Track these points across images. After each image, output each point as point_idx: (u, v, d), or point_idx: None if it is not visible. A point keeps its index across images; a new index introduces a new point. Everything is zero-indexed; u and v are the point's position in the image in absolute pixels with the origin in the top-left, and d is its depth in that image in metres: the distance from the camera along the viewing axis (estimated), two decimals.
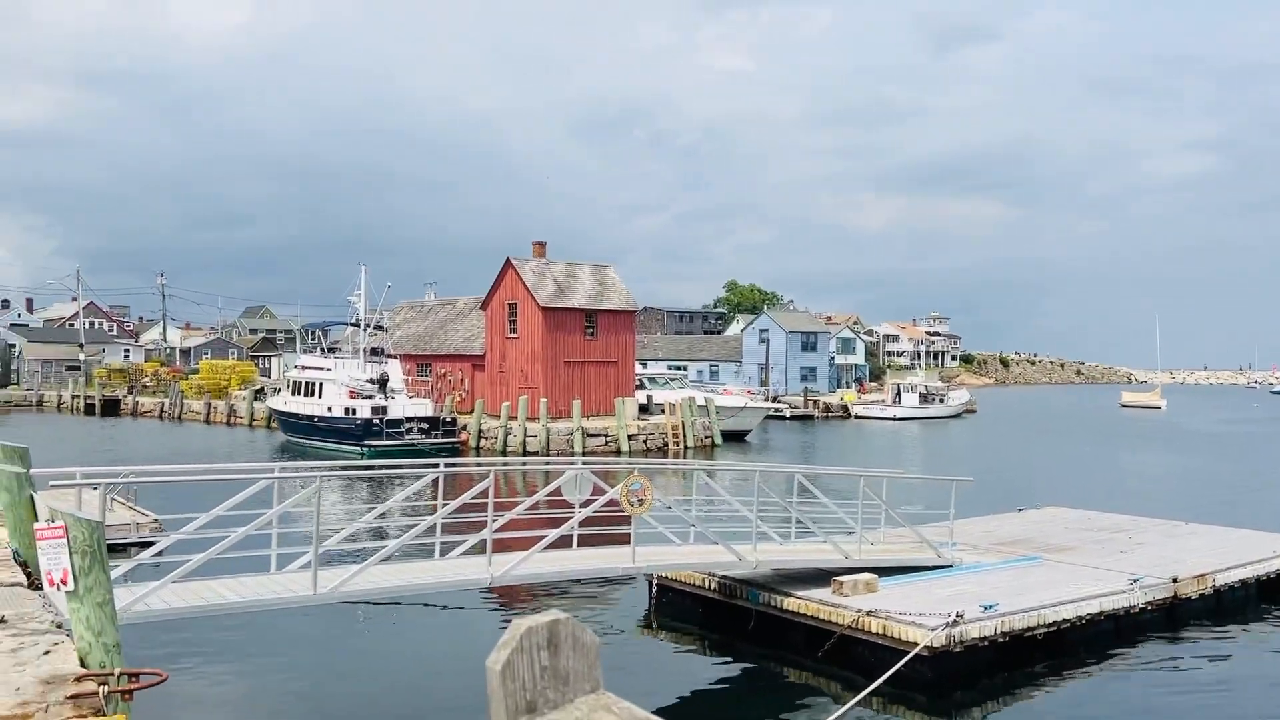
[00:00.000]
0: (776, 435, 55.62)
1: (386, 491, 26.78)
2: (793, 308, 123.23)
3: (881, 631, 11.97)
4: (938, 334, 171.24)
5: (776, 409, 61.93)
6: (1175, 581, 14.48)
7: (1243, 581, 15.57)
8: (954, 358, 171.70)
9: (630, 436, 44.19)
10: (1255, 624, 14.91)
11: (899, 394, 75.90)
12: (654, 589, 15.38)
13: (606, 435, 44.08)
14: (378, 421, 41.98)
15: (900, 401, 74.65)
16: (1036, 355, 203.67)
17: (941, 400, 77.12)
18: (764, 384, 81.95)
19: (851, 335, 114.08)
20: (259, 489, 10.15)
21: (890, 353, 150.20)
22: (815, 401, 75.46)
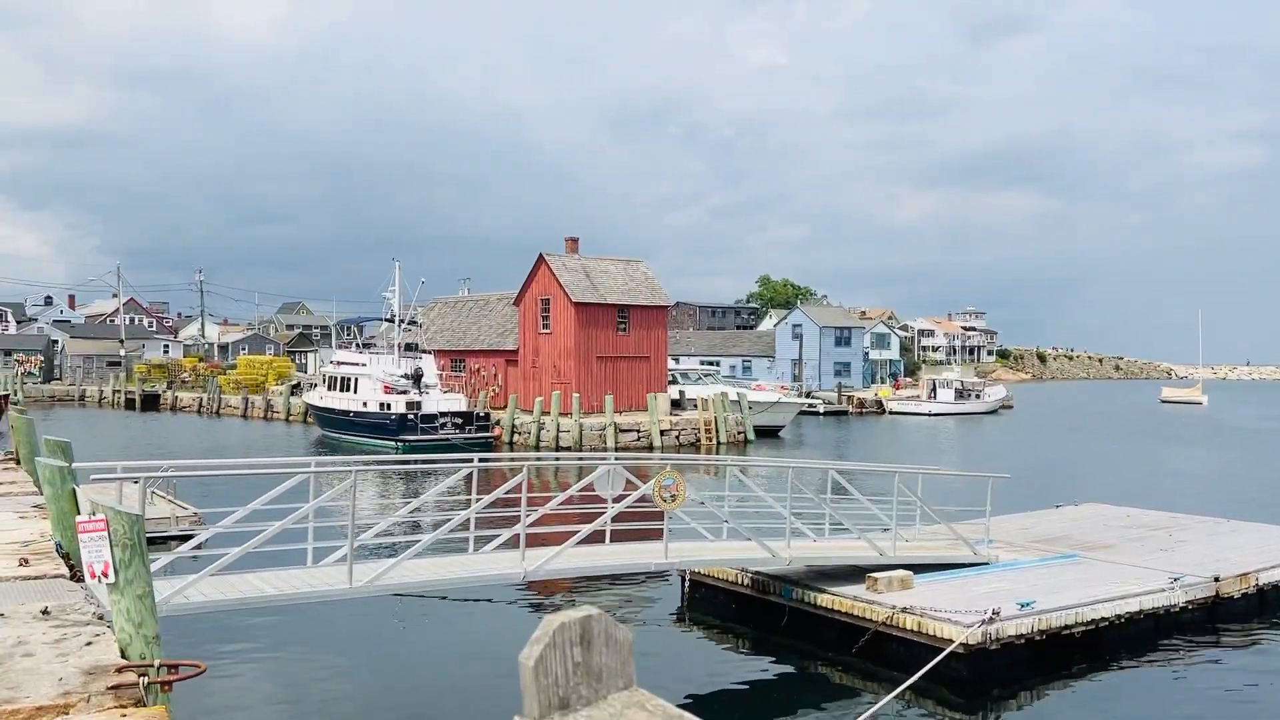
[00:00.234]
0: (810, 431, 55.35)
1: (421, 485, 26.97)
2: (826, 302, 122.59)
3: (916, 628, 11.87)
4: (974, 329, 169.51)
5: (810, 404, 61.57)
6: (1217, 580, 14.23)
7: None
8: (990, 353, 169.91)
9: (663, 432, 44.17)
10: None
11: (934, 389, 75.22)
12: (687, 584, 15.37)
13: (639, 431, 44.10)
14: (412, 417, 42.28)
15: (936, 397, 73.98)
16: (1074, 350, 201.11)
17: (977, 396, 76.32)
18: (797, 379, 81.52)
19: (886, 330, 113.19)
20: (296, 483, 10.25)
21: (925, 348, 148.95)
22: (849, 397, 74.99)
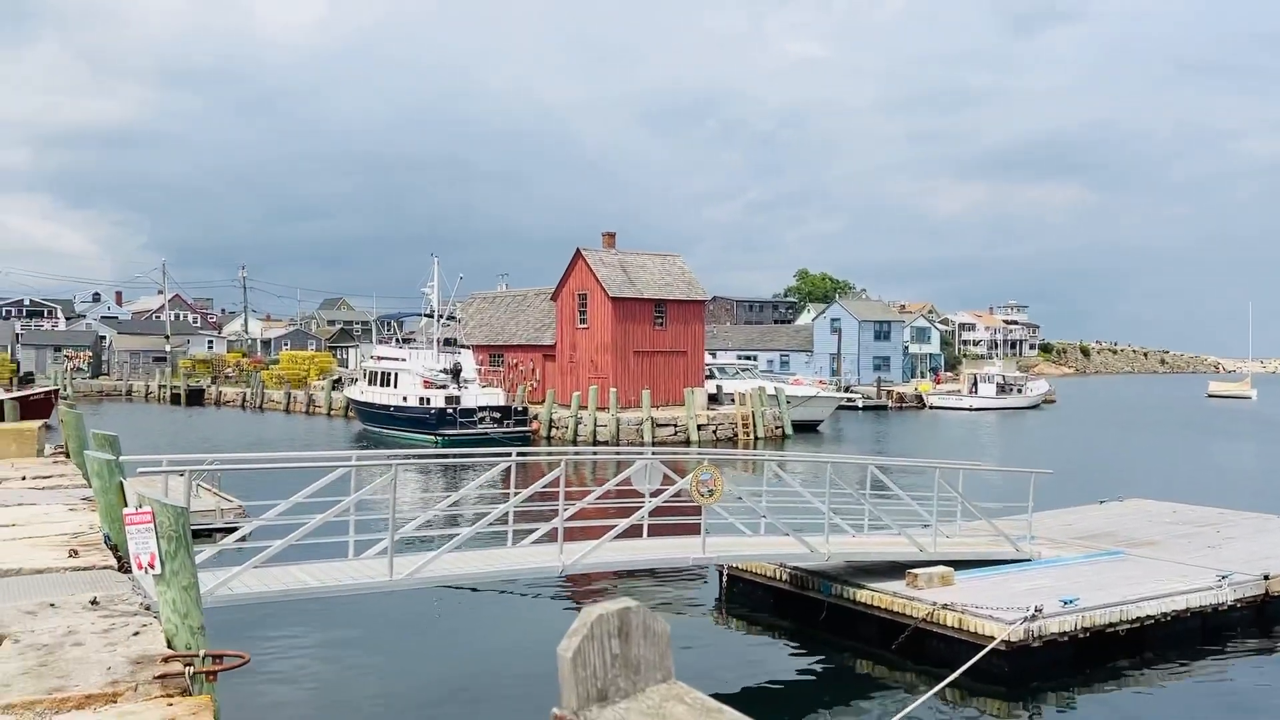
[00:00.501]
0: (849, 426, 55.00)
1: (460, 479, 27.17)
2: (865, 296, 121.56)
3: (957, 625, 11.76)
4: (1015, 322, 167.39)
5: (849, 399, 61.17)
6: (1267, 579, 13.93)
7: None
8: (1032, 347, 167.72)
9: (700, 426, 44.12)
10: None
11: (975, 384, 74.40)
12: (724, 579, 15.35)
13: (676, 425, 44.08)
14: (451, 411, 42.59)
15: (977, 392, 73.18)
16: (1118, 344, 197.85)
17: (1019, 390, 75.36)
18: (836, 374, 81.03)
19: (926, 324, 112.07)
20: (337, 477, 10.36)
21: (966, 342, 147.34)
22: (889, 392, 74.42)
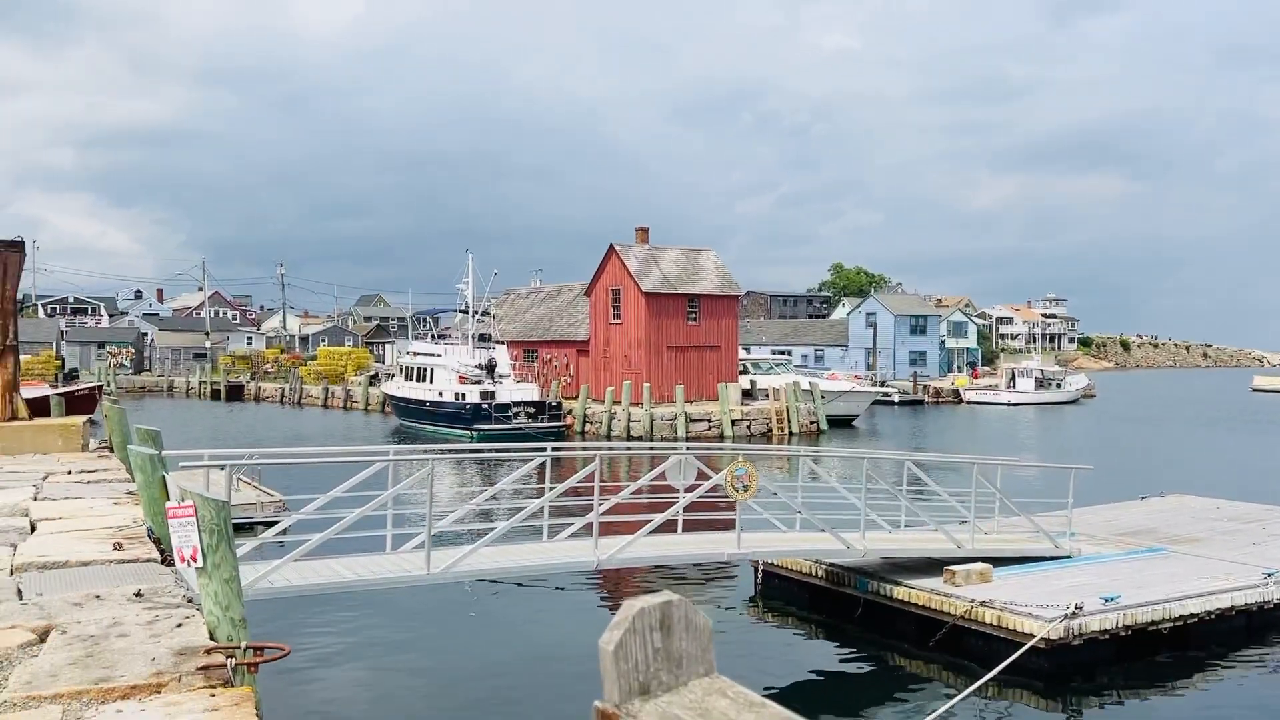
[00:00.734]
0: (884, 421, 54.61)
1: (495, 473, 27.30)
2: (901, 290, 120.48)
3: (996, 622, 11.65)
4: (1054, 316, 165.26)
5: (884, 394, 60.74)
6: None
7: None
8: (1071, 340, 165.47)
9: (734, 422, 44.01)
10: None
11: (1013, 378, 73.57)
12: (759, 575, 15.30)
13: (709, 420, 44.01)
14: (486, 406, 42.82)
15: (1015, 386, 72.37)
16: (1158, 338, 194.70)
17: (1058, 385, 74.39)
18: (871, 368, 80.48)
19: (963, 318, 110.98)
20: (375, 471, 10.45)
21: (1004, 336, 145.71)
22: (925, 386, 73.80)
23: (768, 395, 47.22)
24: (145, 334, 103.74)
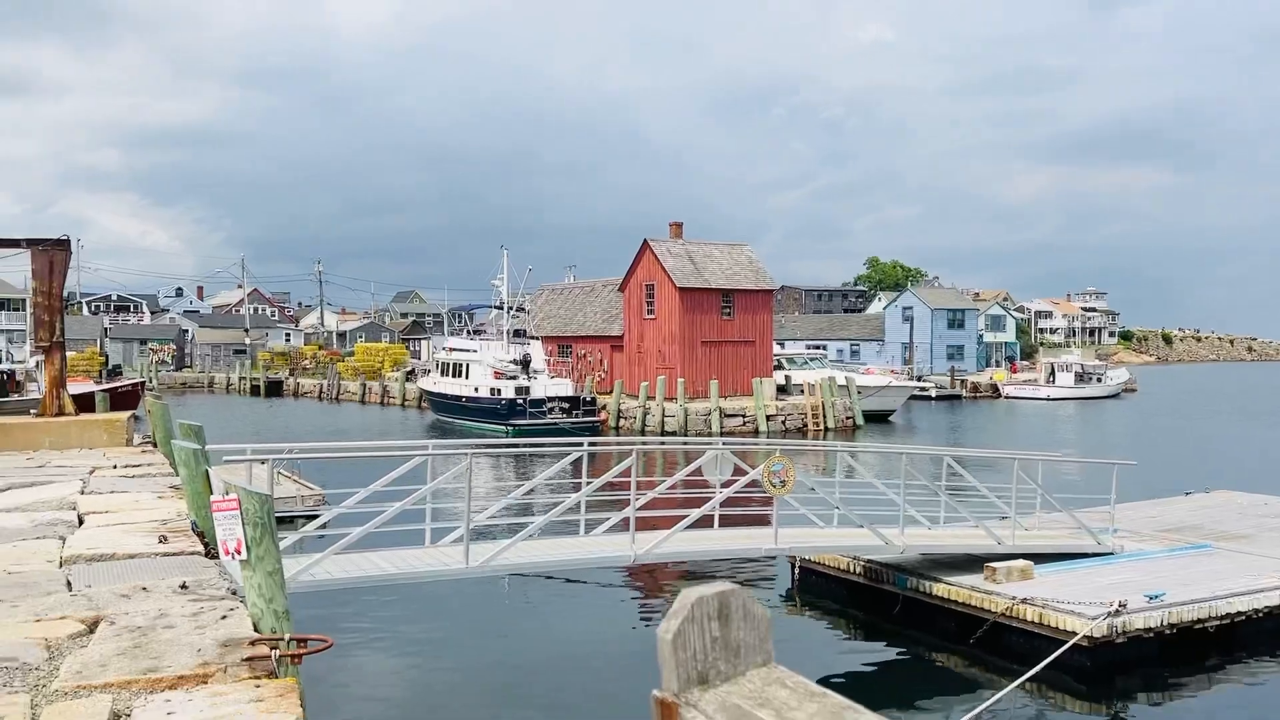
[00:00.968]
0: (921, 416, 54.14)
1: (530, 468, 27.41)
2: (938, 284, 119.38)
3: (1038, 620, 11.51)
4: (1094, 309, 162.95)
5: (921, 389, 60.20)
6: None
7: None
8: (1112, 334, 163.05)
9: (769, 417, 43.85)
10: None
11: (1053, 373, 72.58)
12: (796, 571, 15.23)
13: (744, 415, 43.88)
14: (521, 401, 43.00)
15: (1054, 381, 71.40)
16: (1201, 331, 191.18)
17: (1099, 379, 73.33)
18: (908, 363, 79.82)
19: (1001, 312, 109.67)
20: (413, 466, 10.52)
21: (1043, 330, 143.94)
22: (962, 381, 73.08)
23: (803, 390, 46.98)
24: (186, 331, 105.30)
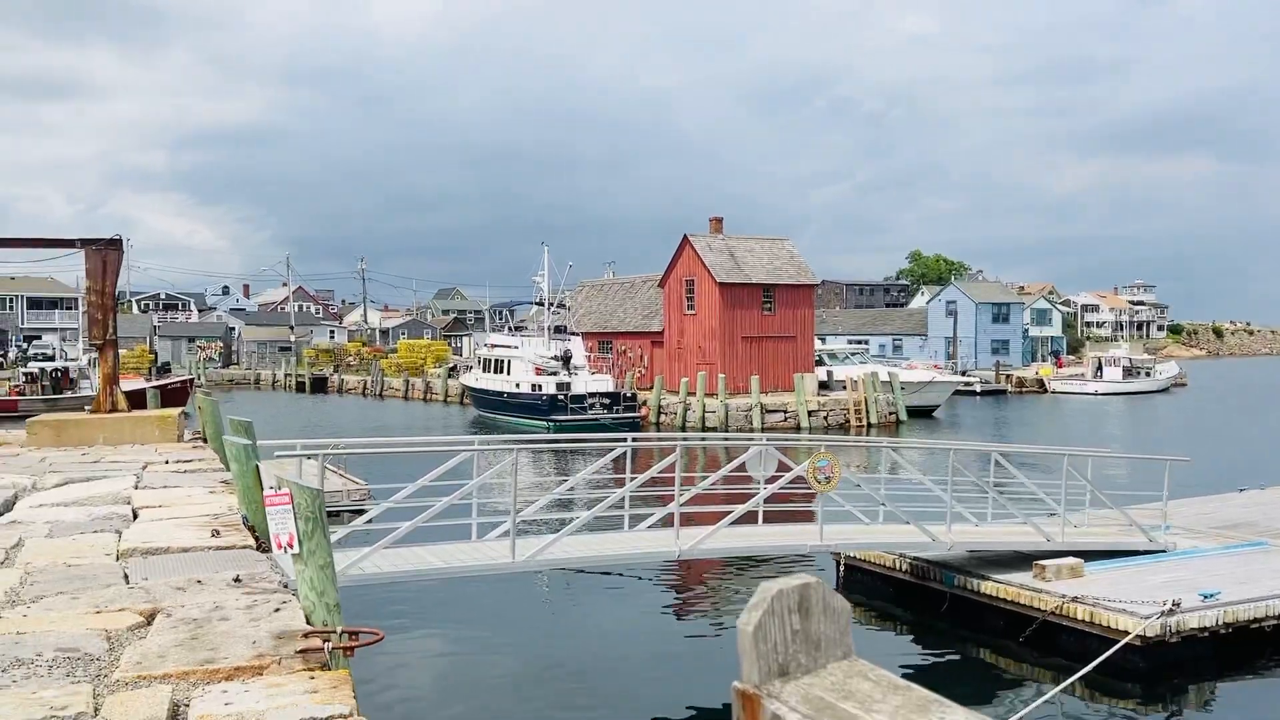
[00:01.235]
0: (966, 411, 53.53)
1: (573, 464, 27.49)
2: (982, 278, 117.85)
3: (1089, 619, 11.33)
4: (1142, 303, 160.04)
5: (966, 384, 59.51)
6: None
7: None
8: (1160, 328, 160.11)
9: (810, 413, 43.60)
10: None
11: (1100, 367, 71.39)
12: (841, 568, 15.12)
13: (785, 411, 43.67)
14: (562, 397, 43.16)
15: (1102, 375, 70.24)
16: (1252, 324, 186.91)
17: (1148, 374, 72.05)
18: (952, 358, 78.94)
19: (1047, 306, 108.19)
20: (459, 461, 10.59)
21: (1089, 324, 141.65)
22: (1008, 376, 72.17)
23: (844, 386, 46.64)
24: (232, 328, 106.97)
